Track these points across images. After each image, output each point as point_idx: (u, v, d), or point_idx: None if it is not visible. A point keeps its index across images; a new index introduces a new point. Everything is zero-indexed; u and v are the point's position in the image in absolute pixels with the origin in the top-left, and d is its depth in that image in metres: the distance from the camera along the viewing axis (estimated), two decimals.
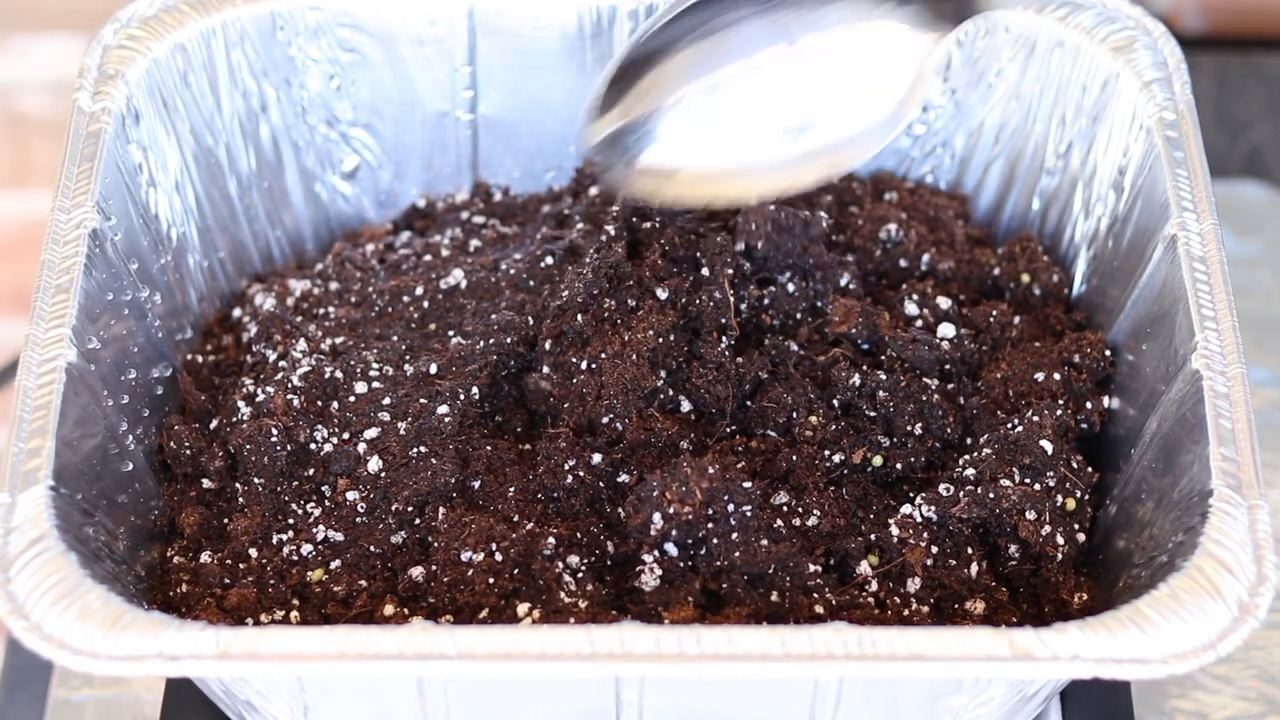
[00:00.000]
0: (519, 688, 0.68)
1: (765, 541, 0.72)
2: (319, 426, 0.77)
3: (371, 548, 0.74)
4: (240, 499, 0.76)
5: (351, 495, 0.75)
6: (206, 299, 0.86)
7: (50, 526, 0.67)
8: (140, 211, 0.81)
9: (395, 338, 0.81)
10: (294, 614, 0.73)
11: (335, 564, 0.74)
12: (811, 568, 0.72)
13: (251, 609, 0.72)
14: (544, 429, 0.78)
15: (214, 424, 0.79)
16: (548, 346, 0.79)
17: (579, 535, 0.74)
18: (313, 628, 0.64)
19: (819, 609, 0.71)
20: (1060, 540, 0.75)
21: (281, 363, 0.80)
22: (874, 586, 0.73)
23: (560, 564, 0.72)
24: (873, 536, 0.74)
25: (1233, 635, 0.64)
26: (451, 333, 0.81)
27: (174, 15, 0.84)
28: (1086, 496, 0.77)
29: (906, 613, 0.72)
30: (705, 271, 0.80)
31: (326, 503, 0.75)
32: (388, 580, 0.74)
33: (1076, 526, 0.76)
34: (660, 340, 0.78)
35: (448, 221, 0.89)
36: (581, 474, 0.75)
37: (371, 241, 0.87)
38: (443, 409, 0.77)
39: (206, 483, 0.78)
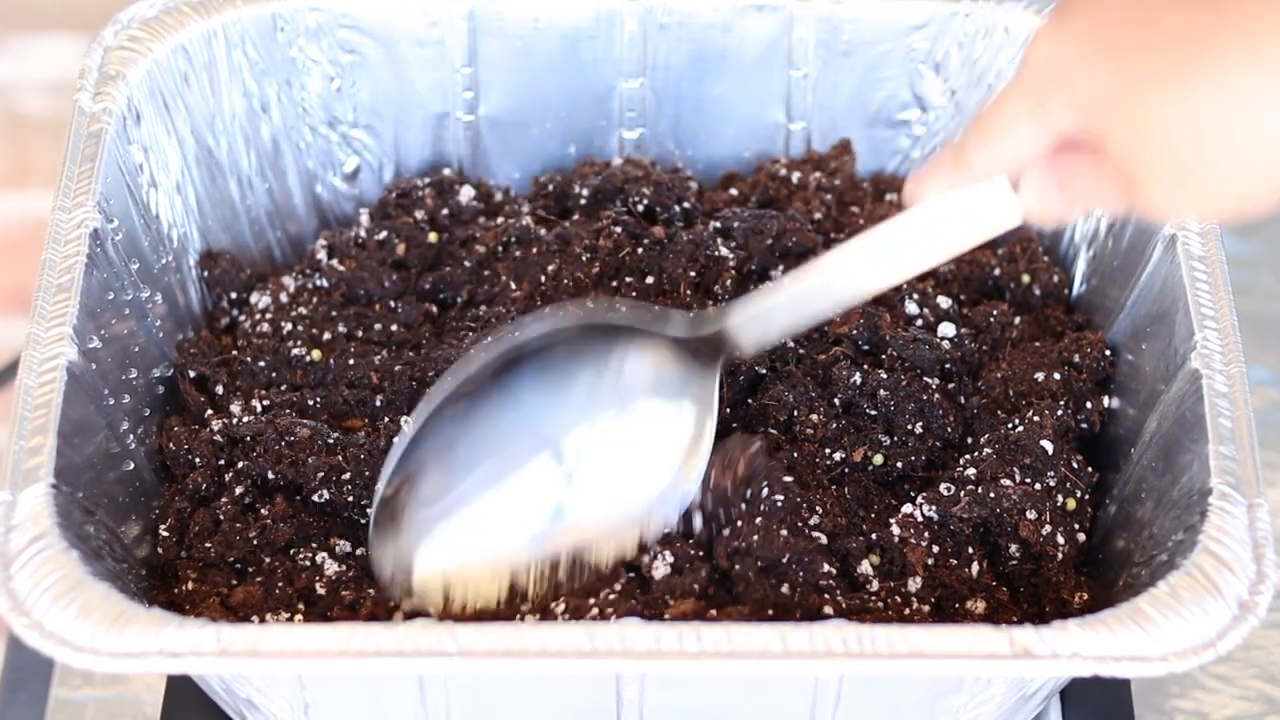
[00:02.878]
0: (520, 685, 0.68)
1: (785, 532, 0.72)
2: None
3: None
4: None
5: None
6: (207, 299, 0.86)
7: (51, 524, 0.67)
8: (141, 212, 0.81)
9: (396, 327, 0.83)
10: (299, 618, 0.73)
11: (342, 568, 0.74)
12: (826, 568, 0.72)
13: (257, 607, 0.72)
14: None
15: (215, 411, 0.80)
16: None
17: None
18: (313, 625, 0.64)
19: (828, 609, 0.71)
20: (1061, 540, 0.75)
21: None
22: (875, 586, 0.73)
23: None
24: (874, 536, 0.74)
25: (1232, 633, 0.64)
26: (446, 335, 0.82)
27: (175, 16, 0.84)
28: (1087, 496, 0.77)
29: (908, 612, 0.72)
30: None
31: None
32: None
33: (1077, 526, 0.76)
34: None
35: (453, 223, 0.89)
36: None
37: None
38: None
39: (205, 484, 0.78)
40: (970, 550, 0.74)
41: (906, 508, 0.75)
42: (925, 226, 0.66)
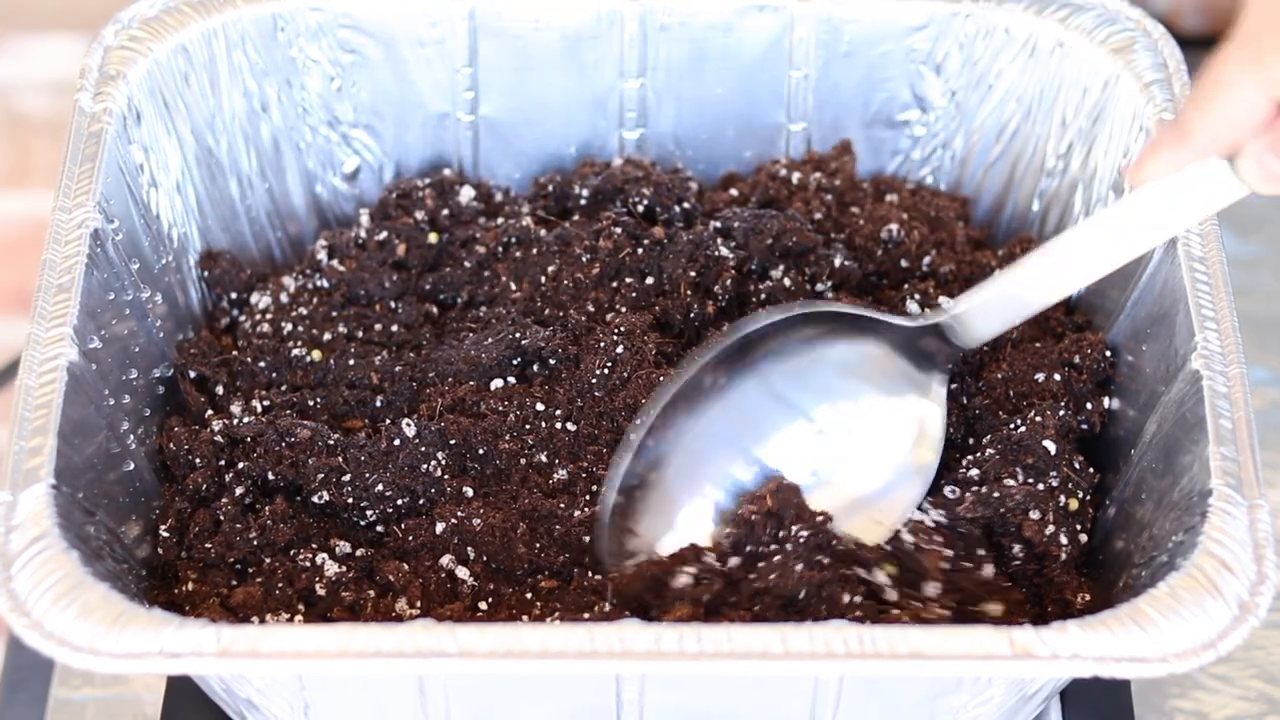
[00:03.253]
0: (520, 686, 0.68)
1: (800, 566, 0.71)
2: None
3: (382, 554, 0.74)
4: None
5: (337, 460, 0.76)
6: (207, 299, 0.86)
7: (51, 525, 0.67)
8: (141, 212, 0.81)
9: (396, 328, 0.83)
10: (299, 618, 0.73)
11: (342, 569, 0.74)
12: (846, 599, 0.71)
13: (257, 607, 0.72)
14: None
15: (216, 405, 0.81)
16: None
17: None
18: (313, 625, 0.64)
19: None
20: (1064, 540, 0.74)
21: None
22: (893, 596, 0.72)
23: None
24: (887, 545, 0.74)
25: (1233, 634, 0.64)
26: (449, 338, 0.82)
27: (175, 16, 0.84)
28: (1088, 497, 0.77)
29: (925, 618, 0.72)
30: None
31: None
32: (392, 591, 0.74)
33: (1079, 527, 0.76)
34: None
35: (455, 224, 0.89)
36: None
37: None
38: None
39: (206, 484, 0.78)
40: (982, 552, 0.74)
41: (915, 514, 0.75)
42: (1147, 210, 0.67)
